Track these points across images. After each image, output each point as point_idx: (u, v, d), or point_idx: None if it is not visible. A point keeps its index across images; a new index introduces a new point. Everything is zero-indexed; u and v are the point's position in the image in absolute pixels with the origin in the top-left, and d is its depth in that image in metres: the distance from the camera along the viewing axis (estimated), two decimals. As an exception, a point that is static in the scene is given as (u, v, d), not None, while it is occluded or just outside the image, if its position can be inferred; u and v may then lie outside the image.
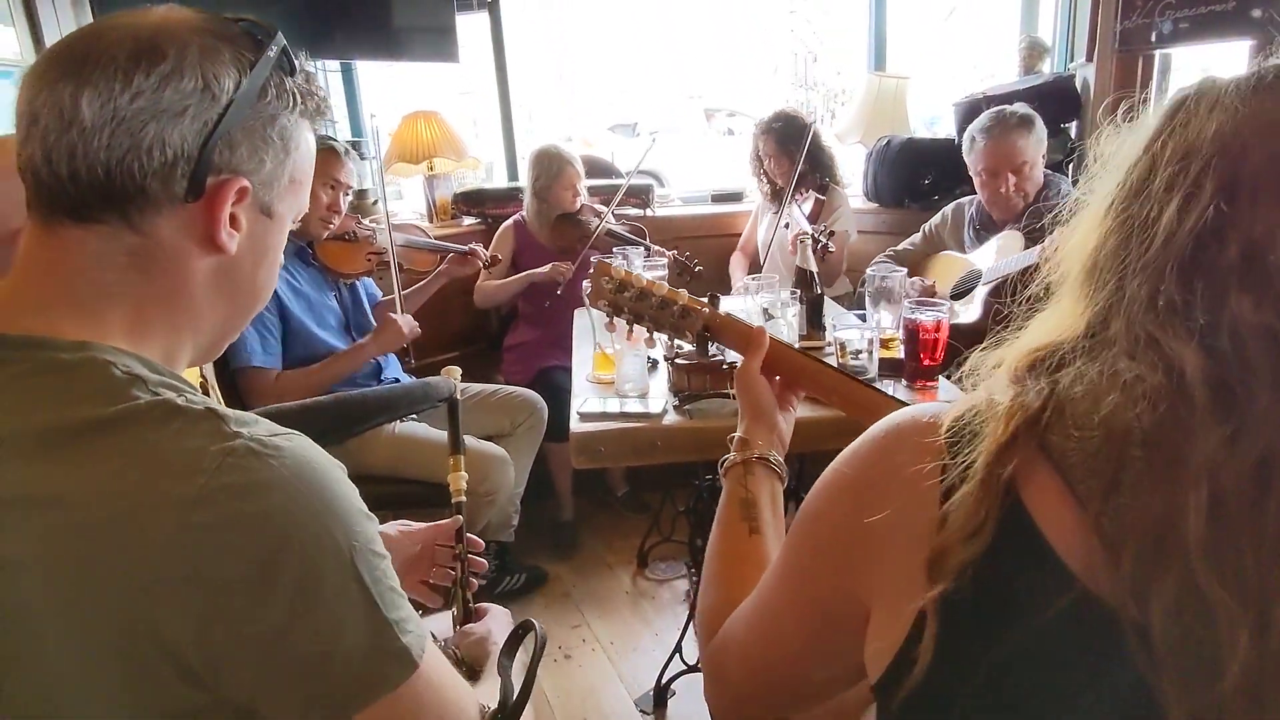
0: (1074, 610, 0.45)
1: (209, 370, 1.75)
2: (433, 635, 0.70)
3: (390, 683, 0.55)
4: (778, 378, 0.95)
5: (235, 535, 0.50)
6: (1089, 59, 2.63)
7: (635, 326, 1.05)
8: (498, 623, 0.90)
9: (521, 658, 0.74)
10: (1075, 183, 2.33)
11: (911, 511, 0.51)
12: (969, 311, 2.16)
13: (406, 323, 2.10)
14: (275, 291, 2.24)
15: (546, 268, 2.60)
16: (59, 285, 0.56)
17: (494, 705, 0.64)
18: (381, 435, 2.09)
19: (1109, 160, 0.54)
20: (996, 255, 2.20)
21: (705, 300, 1.03)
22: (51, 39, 1.81)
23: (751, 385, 0.92)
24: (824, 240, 2.08)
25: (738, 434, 0.90)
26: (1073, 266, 0.54)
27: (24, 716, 0.53)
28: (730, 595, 0.69)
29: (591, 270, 1.05)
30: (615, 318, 1.05)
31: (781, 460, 0.88)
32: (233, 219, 0.59)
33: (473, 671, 0.79)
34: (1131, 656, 0.44)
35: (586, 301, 1.09)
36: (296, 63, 0.61)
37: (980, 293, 2.17)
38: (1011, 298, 0.60)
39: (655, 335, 1.06)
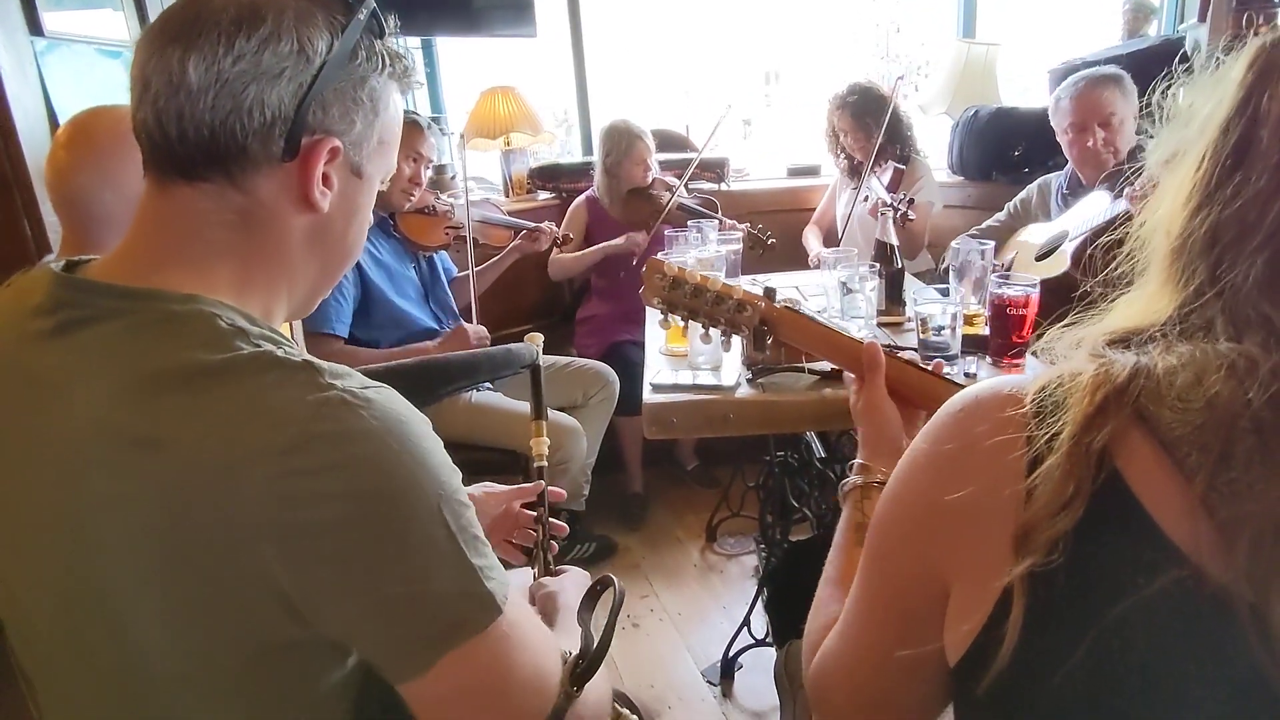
0: (1180, 588, 0.43)
1: (299, 331, 1.83)
2: None
3: (476, 626, 0.56)
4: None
5: (327, 482, 0.51)
6: (1201, 19, 2.45)
7: (690, 323, 1.02)
8: (572, 580, 0.92)
9: (600, 611, 0.76)
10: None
11: (994, 486, 0.49)
12: (1055, 266, 2.07)
13: (475, 332, 2.14)
14: (358, 261, 2.30)
15: (621, 239, 2.61)
16: (172, 241, 0.59)
17: (575, 652, 0.66)
18: (459, 403, 2.15)
19: (1191, 119, 0.50)
20: (1085, 212, 2.10)
21: (761, 294, 0.99)
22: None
23: (875, 409, 0.88)
24: (903, 209, 2.01)
25: (858, 459, 0.87)
26: (1158, 247, 0.51)
27: (123, 645, 0.57)
28: (836, 618, 0.67)
29: (645, 267, 1.02)
30: (670, 315, 1.02)
31: None
32: (325, 178, 0.61)
33: (545, 623, 0.81)
34: (1246, 642, 0.42)
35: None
36: (386, 25, 0.63)
37: (1068, 248, 2.07)
38: (1105, 252, 0.57)
39: (711, 331, 1.02)
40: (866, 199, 2.47)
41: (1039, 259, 2.14)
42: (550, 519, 1.06)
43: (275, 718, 0.61)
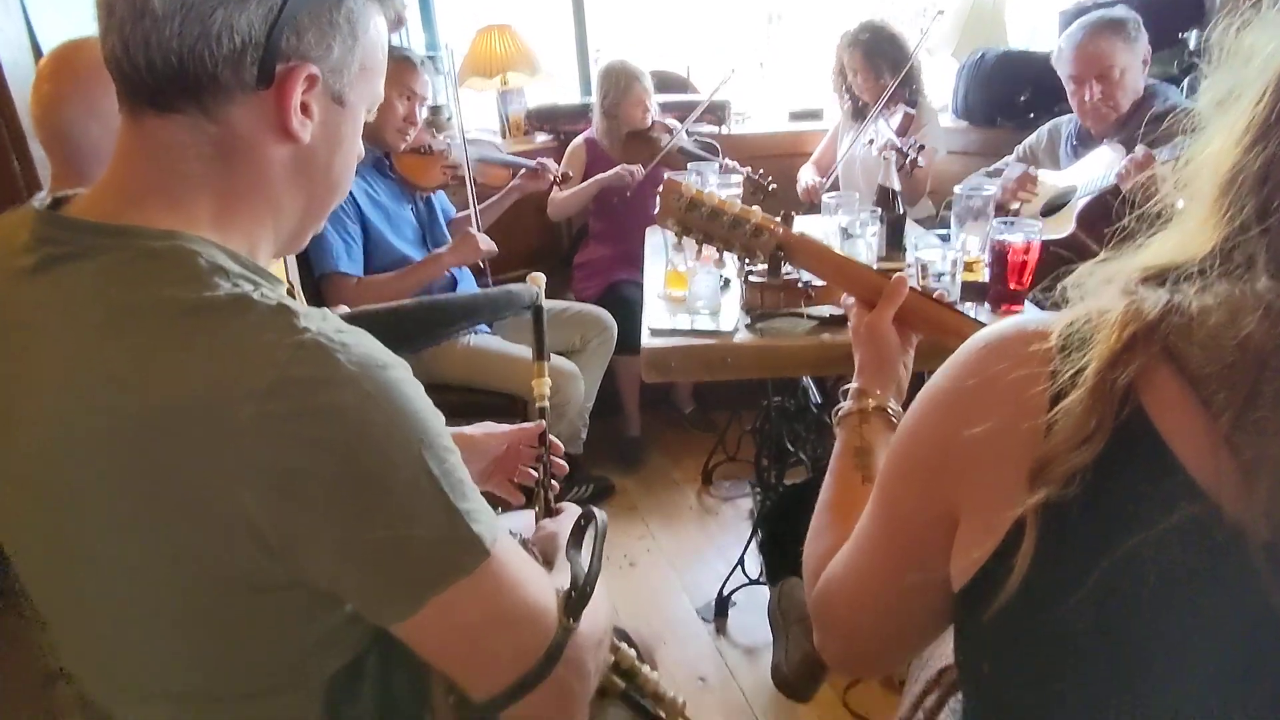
0: (1196, 524, 0.43)
1: (294, 275, 1.82)
2: (512, 532, 0.73)
3: (463, 569, 0.57)
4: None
5: (307, 427, 0.51)
6: (1218, -44, 2.38)
7: (705, 246, 1.02)
8: (570, 518, 0.94)
9: (587, 545, 0.77)
10: (1192, 92, 2.15)
11: (1014, 420, 0.50)
12: (1060, 228, 2.05)
13: (483, 239, 2.13)
14: (355, 201, 2.28)
15: (613, 170, 2.57)
16: (149, 176, 0.58)
17: (566, 586, 0.67)
18: (457, 347, 2.15)
19: (1251, 57, 0.48)
20: (1094, 168, 2.07)
21: (779, 219, 0.99)
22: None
23: (878, 334, 0.88)
24: (913, 154, 1.98)
25: (854, 384, 0.87)
26: (1205, 182, 0.50)
27: (112, 584, 0.58)
28: (838, 542, 0.68)
29: (661, 187, 1.01)
30: (684, 237, 1.02)
31: (900, 409, 0.84)
32: (304, 107, 0.59)
33: (546, 563, 0.83)
34: (1257, 580, 0.42)
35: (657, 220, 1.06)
36: None
37: (1074, 208, 2.05)
38: (1116, 213, 0.56)
39: (725, 255, 1.02)
40: (871, 142, 2.43)
41: (1045, 214, 2.11)
42: (552, 457, 1.07)
43: (267, 660, 0.62)
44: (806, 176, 2.77)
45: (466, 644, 0.60)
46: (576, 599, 0.66)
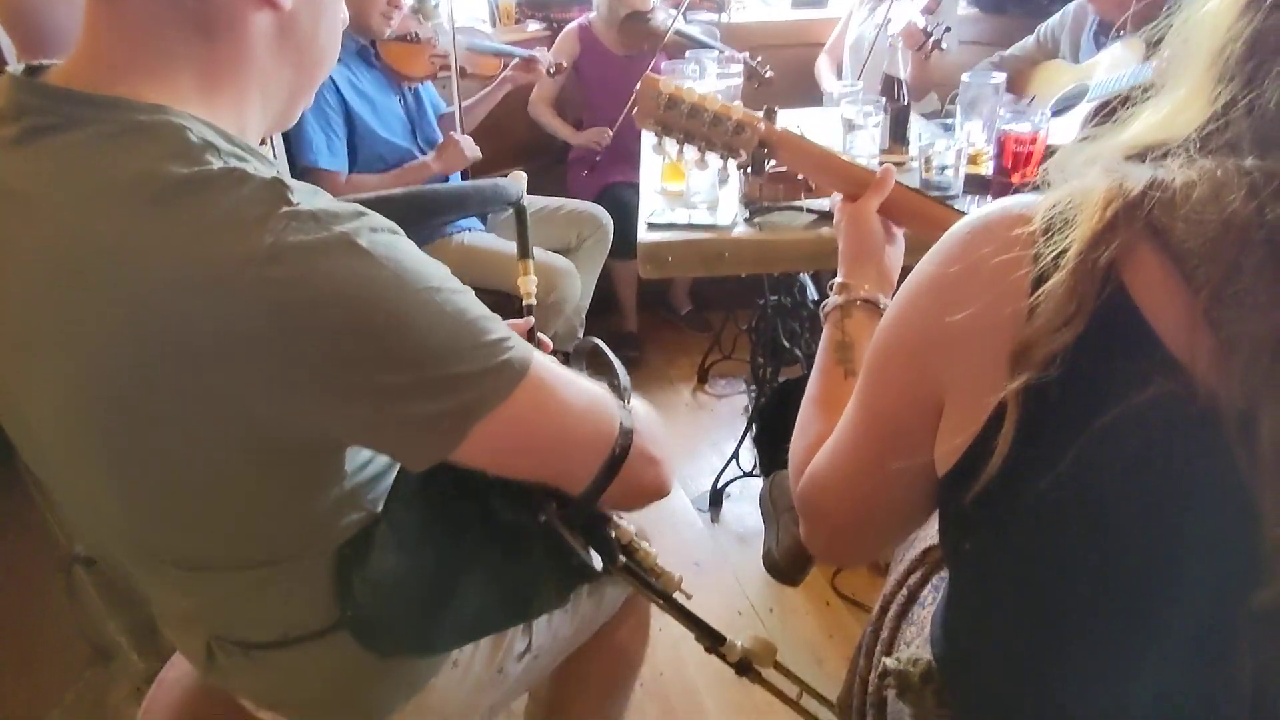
0: (1173, 399, 0.44)
1: (284, 170, 1.77)
2: None
3: (501, 394, 0.57)
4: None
5: (311, 290, 0.51)
6: None
7: (686, 147, 0.97)
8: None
9: (596, 359, 0.80)
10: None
11: (996, 305, 0.50)
12: (1066, 131, 1.98)
13: (468, 144, 2.07)
14: (339, 91, 2.19)
15: (589, 132, 2.60)
16: (129, 48, 0.56)
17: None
18: (450, 245, 2.13)
19: None
20: (1108, 69, 1.98)
21: (761, 115, 0.95)
22: None
23: (861, 224, 0.86)
24: (939, 35, 1.87)
25: (838, 278, 0.86)
26: (1198, 47, 0.48)
27: (123, 456, 0.58)
28: (822, 437, 0.68)
29: (638, 86, 0.95)
30: (664, 138, 0.97)
31: (887, 301, 0.83)
32: None
33: None
34: (1231, 455, 0.43)
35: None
36: None
37: (1082, 110, 1.98)
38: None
39: (707, 157, 0.98)
40: (890, 21, 2.28)
41: (1055, 114, 2.03)
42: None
43: (281, 530, 0.64)
44: (827, 78, 2.64)
45: (537, 455, 0.62)
46: (621, 393, 0.70)
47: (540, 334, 1.10)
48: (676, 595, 1.01)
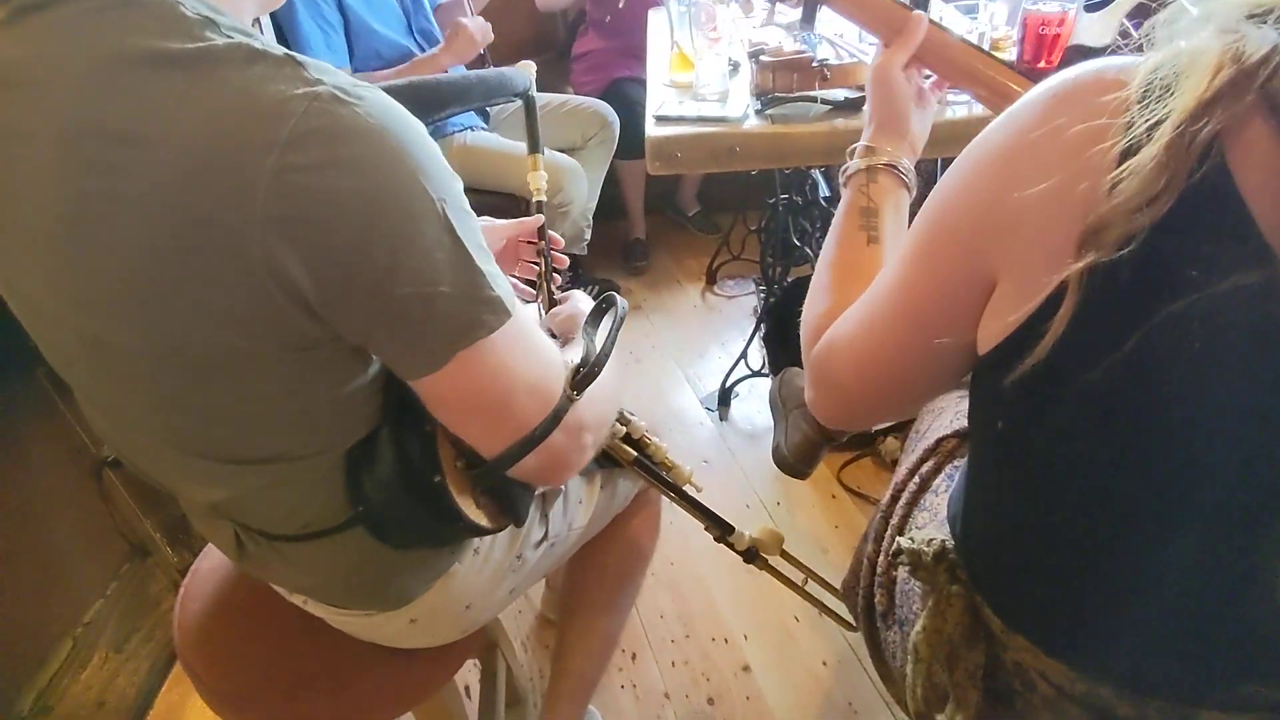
0: (1256, 292, 0.40)
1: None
2: None
3: (486, 327, 0.59)
4: (925, 73, 0.81)
5: (332, 178, 0.51)
6: None
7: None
8: (583, 300, 0.95)
9: (604, 328, 0.79)
10: None
11: (1073, 180, 0.45)
12: (1100, 31, 1.85)
13: (477, 25, 1.94)
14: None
15: None
16: None
17: (578, 361, 0.70)
18: (452, 145, 2.08)
19: None
20: None
21: None
22: None
23: (885, 82, 0.80)
24: None
25: (863, 140, 0.80)
26: None
27: (147, 345, 0.58)
28: (841, 303, 0.65)
29: None
30: None
31: (911, 168, 0.78)
32: None
33: (565, 343, 0.85)
34: None
35: None
36: None
37: (1119, 9, 1.84)
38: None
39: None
40: None
41: (1086, 9, 1.88)
42: (552, 251, 1.07)
43: (300, 419, 0.65)
44: None
45: (480, 404, 0.63)
46: (584, 375, 0.69)
47: (551, 231, 1.09)
48: (687, 488, 1.04)
